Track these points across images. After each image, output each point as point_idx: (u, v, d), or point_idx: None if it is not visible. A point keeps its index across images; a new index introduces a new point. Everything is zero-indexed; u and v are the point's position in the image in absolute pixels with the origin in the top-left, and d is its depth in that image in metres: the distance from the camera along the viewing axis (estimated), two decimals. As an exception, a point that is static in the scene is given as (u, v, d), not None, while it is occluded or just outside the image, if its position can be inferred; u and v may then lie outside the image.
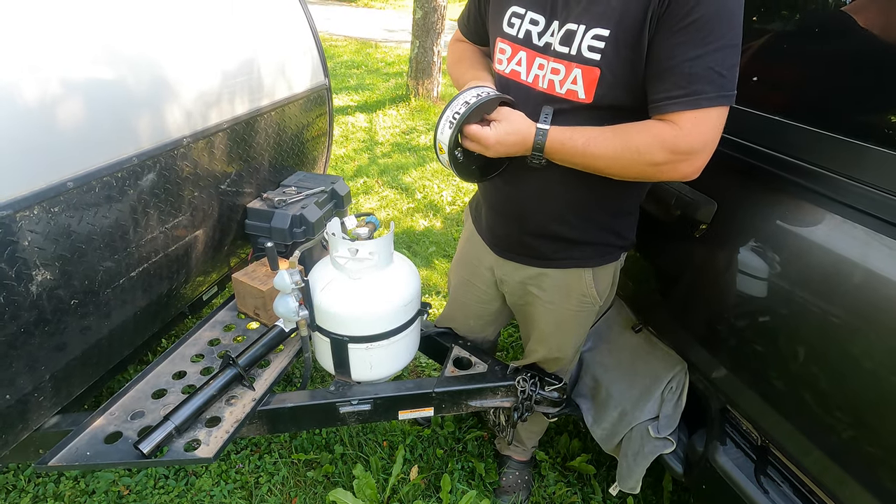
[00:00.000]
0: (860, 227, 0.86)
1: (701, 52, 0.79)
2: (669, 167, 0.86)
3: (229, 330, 1.63)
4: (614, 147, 0.88)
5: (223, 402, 1.34)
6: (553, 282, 1.17)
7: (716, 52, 0.79)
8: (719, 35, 0.79)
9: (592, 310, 1.23)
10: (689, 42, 0.79)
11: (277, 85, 1.83)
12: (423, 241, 3.07)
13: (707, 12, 0.77)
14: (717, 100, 0.81)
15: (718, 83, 0.80)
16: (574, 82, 0.92)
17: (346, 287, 1.32)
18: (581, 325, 1.28)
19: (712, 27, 0.78)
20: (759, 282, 1.02)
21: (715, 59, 0.79)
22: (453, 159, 0.99)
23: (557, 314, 1.22)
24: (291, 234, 1.72)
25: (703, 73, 0.80)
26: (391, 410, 1.44)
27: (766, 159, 1.01)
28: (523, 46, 0.99)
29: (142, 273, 1.36)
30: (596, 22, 0.87)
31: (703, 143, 0.84)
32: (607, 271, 1.17)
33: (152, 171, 1.31)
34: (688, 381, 1.32)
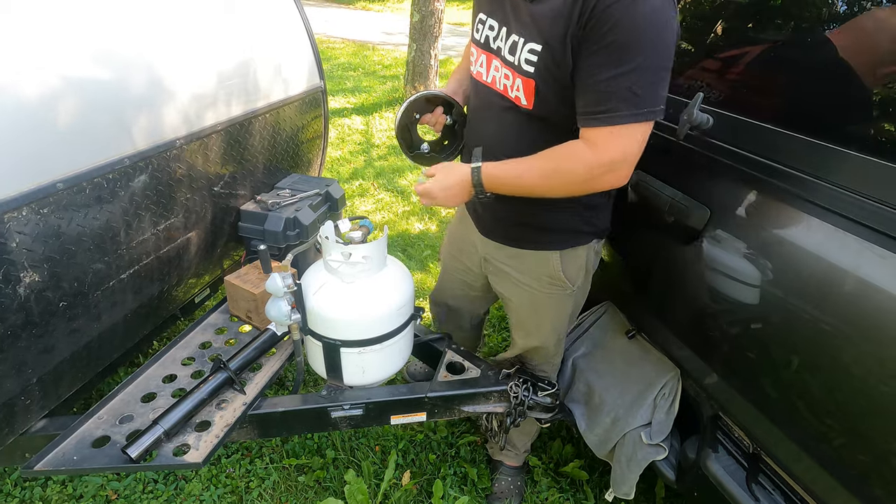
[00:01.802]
0: (852, 236, 0.86)
1: (616, 72, 0.85)
2: (596, 181, 0.94)
3: (221, 333, 1.62)
4: (543, 173, 0.97)
5: (213, 406, 1.33)
6: (526, 263, 1.23)
7: (631, 73, 0.84)
8: (634, 57, 0.84)
9: (565, 294, 1.25)
10: (605, 63, 0.86)
11: (272, 87, 1.82)
12: (419, 245, 3.06)
13: (621, 36, 0.83)
14: (630, 118, 0.87)
15: (633, 102, 0.86)
16: (518, 90, 1.01)
17: (339, 291, 1.31)
18: (556, 309, 1.29)
19: (627, 49, 0.84)
20: (751, 289, 1.02)
21: (630, 80, 0.85)
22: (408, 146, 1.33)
23: (532, 295, 1.26)
24: (285, 237, 1.71)
25: (618, 92, 0.86)
26: (383, 415, 1.43)
27: (757, 167, 1.02)
28: (484, 50, 1.10)
29: (133, 275, 1.35)
30: (531, 37, 0.95)
31: (622, 156, 0.91)
32: (577, 256, 1.20)
33: (144, 173, 1.30)
34: (680, 387, 1.32)
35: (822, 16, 1.01)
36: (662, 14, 0.84)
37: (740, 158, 1.05)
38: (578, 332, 1.67)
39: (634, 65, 0.84)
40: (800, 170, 0.95)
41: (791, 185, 0.96)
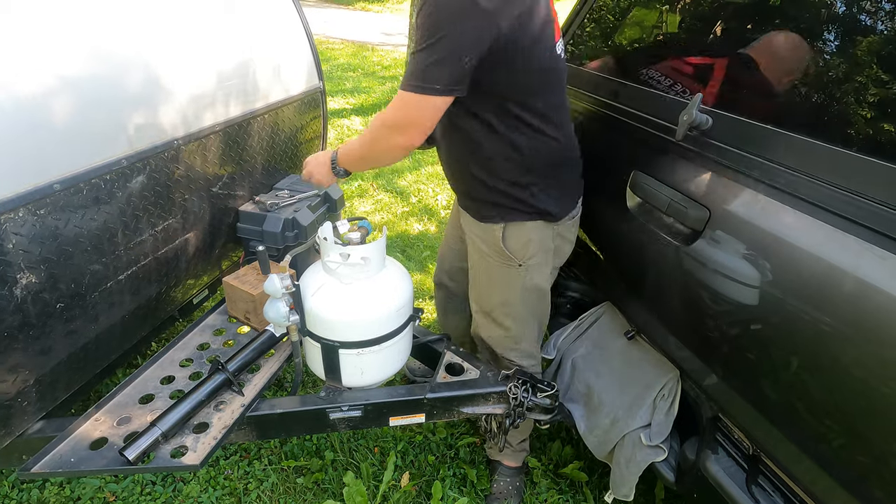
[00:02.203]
0: (852, 237, 0.86)
1: (415, 48, 1.03)
2: (390, 138, 1.11)
3: (219, 334, 1.61)
4: (360, 140, 1.21)
5: (211, 407, 1.33)
6: (481, 233, 1.33)
7: (422, 52, 1.01)
8: (428, 38, 0.99)
9: (515, 268, 1.33)
10: (416, 40, 1.03)
11: (271, 87, 1.82)
12: (418, 246, 3.06)
13: (422, 20, 1.00)
14: (413, 88, 1.03)
15: (419, 76, 1.02)
16: None
17: (338, 292, 1.31)
18: (505, 281, 1.36)
19: (424, 31, 1.00)
20: (750, 289, 1.02)
21: (421, 57, 1.01)
22: None
23: (486, 264, 1.37)
24: (283, 238, 1.71)
25: (412, 66, 1.04)
26: (382, 417, 1.42)
27: (757, 167, 1.01)
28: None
29: (130, 276, 1.34)
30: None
31: (406, 120, 1.07)
32: (519, 232, 1.28)
33: (142, 174, 1.29)
34: (680, 388, 1.32)
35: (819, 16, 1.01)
36: (455, 4, 0.96)
37: (740, 159, 1.05)
38: (577, 332, 1.67)
39: (426, 45, 0.99)
40: (799, 170, 0.95)
41: (790, 186, 0.96)
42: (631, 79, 1.43)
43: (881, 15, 0.92)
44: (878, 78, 0.89)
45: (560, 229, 1.33)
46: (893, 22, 0.89)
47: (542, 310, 1.47)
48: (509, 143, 1.17)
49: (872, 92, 0.89)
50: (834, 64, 0.96)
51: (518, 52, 1.05)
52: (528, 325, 1.47)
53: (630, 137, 1.39)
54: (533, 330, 1.49)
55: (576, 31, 1.77)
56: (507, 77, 1.08)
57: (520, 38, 1.03)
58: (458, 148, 1.25)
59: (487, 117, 1.14)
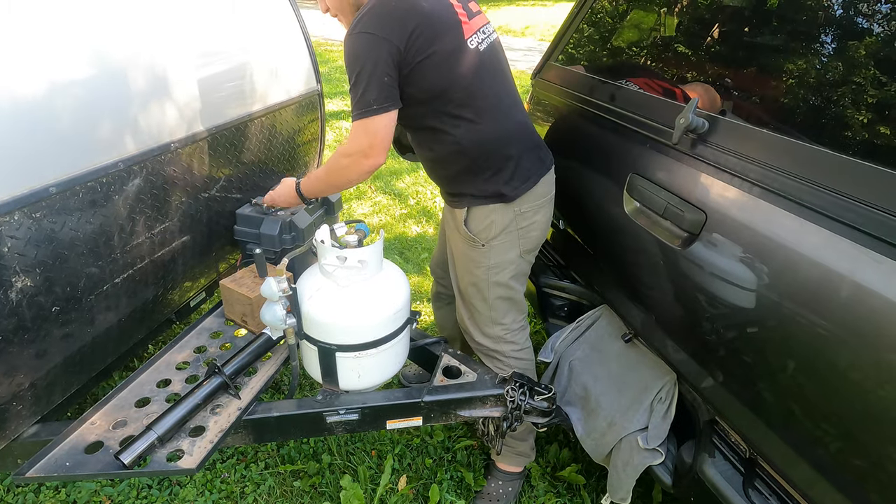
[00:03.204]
0: (847, 241, 0.86)
1: (349, 86, 1.21)
2: (357, 165, 1.26)
3: (216, 337, 1.61)
4: (325, 171, 1.38)
5: (208, 411, 1.32)
6: (451, 218, 1.46)
7: (352, 89, 1.19)
8: (350, 76, 1.19)
9: (477, 247, 1.42)
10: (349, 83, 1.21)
11: (269, 90, 1.82)
12: (416, 248, 3.06)
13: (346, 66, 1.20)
14: (356, 117, 1.20)
15: (357, 105, 1.19)
16: None
17: (335, 295, 1.30)
18: (471, 258, 1.46)
19: (349, 74, 1.19)
20: (746, 293, 1.02)
21: (353, 92, 1.19)
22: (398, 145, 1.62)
23: (456, 246, 1.49)
24: (280, 241, 1.70)
25: (352, 102, 1.21)
26: (379, 420, 1.42)
27: (753, 171, 1.02)
28: None
29: (127, 279, 1.34)
30: None
31: (364, 144, 1.21)
32: (480, 214, 1.39)
33: (138, 177, 1.29)
34: (677, 391, 1.32)
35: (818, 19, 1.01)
36: (360, 43, 1.15)
37: (736, 163, 1.05)
38: (575, 335, 1.67)
39: (354, 81, 1.18)
40: (796, 174, 0.95)
41: (787, 190, 0.96)
42: (629, 83, 1.44)
43: (879, 17, 0.92)
44: (877, 80, 0.89)
45: (520, 209, 1.38)
46: (892, 24, 0.89)
47: (513, 294, 1.48)
48: (452, 141, 1.31)
49: (871, 94, 0.89)
50: (831, 66, 0.96)
51: (426, 60, 1.20)
52: (499, 308, 1.48)
53: (627, 140, 1.39)
54: (506, 314, 1.50)
55: (573, 34, 1.77)
56: (427, 82, 1.22)
57: (422, 48, 1.19)
58: (424, 154, 1.42)
59: (430, 123, 1.30)
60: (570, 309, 1.79)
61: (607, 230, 1.49)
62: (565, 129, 1.72)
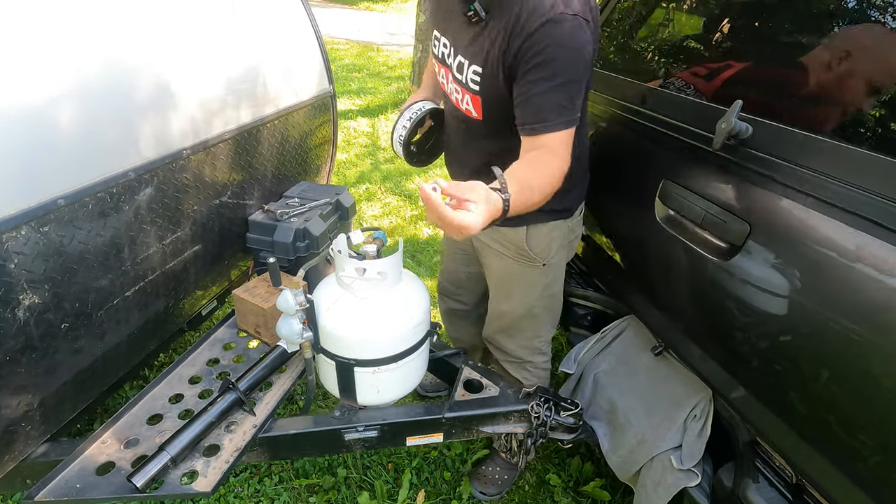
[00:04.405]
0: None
1: (546, 87, 0.99)
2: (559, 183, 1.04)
3: (229, 349, 1.56)
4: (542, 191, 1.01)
5: (222, 428, 1.27)
6: (502, 237, 1.35)
7: (559, 88, 0.99)
8: (558, 74, 0.98)
9: (534, 267, 1.34)
10: (537, 80, 0.99)
11: (282, 92, 1.77)
12: (428, 251, 3.00)
13: (548, 56, 0.98)
14: (562, 125, 1.01)
15: (561, 112, 1.00)
16: (468, 104, 1.17)
17: (353, 308, 1.25)
18: (525, 280, 1.38)
19: (553, 67, 0.98)
20: (795, 309, 0.96)
21: (558, 93, 0.99)
22: (408, 153, 1.40)
23: (505, 263, 1.38)
24: (294, 249, 1.65)
25: (550, 104, 1.00)
26: (399, 437, 1.37)
27: (803, 179, 0.95)
28: (442, 65, 1.24)
29: (138, 292, 1.29)
30: (473, 59, 1.11)
31: (567, 158, 1.04)
32: (541, 232, 1.31)
33: (150, 186, 1.24)
34: (712, 409, 1.25)
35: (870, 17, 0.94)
36: (579, 35, 0.98)
37: (784, 170, 0.98)
38: (599, 346, 1.61)
39: (561, 80, 0.98)
40: (850, 183, 0.88)
41: (839, 200, 0.89)
42: (664, 85, 1.37)
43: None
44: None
45: (572, 224, 1.37)
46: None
47: (559, 307, 1.51)
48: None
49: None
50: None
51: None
52: (546, 325, 1.50)
53: (660, 145, 1.32)
54: (550, 329, 1.53)
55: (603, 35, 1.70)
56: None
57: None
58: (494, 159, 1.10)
59: None
60: (593, 318, 1.73)
61: (636, 238, 1.43)
62: (593, 134, 1.65)
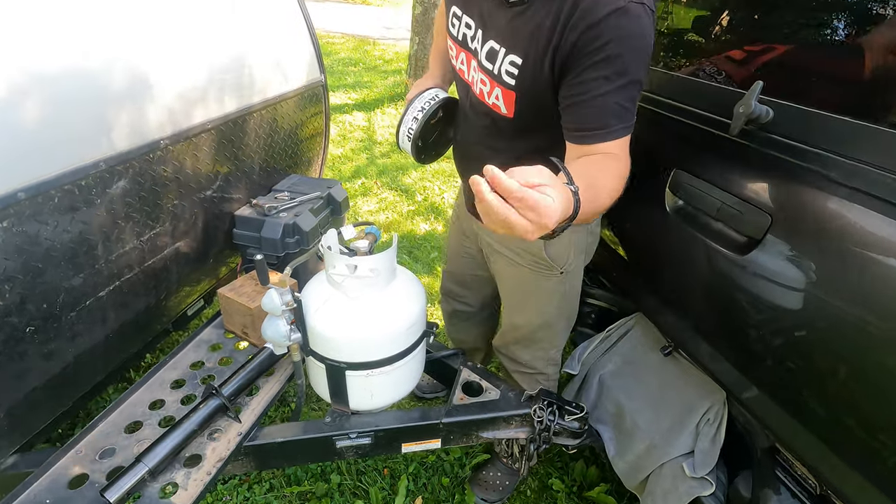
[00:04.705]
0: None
1: (609, 87, 0.83)
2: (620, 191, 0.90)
3: (215, 351, 1.48)
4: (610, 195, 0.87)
5: (205, 437, 1.20)
6: (515, 242, 1.23)
7: (623, 89, 0.83)
8: (625, 72, 0.82)
9: (553, 275, 1.24)
10: (596, 79, 0.83)
11: (270, 81, 1.68)
12: (425, 246, 2.92)
13: (613, 52, 0.81)
14: (623, 131, 0.86)
15: (623, 116, 0.85)
16: (497, 98, 1.00)
17: (344, 308, 1.17)
18: (542, 289, 1.28)
19: (618, 65, 0.82)
20: (819, 306, 0.88)
21: (621, 95, 0.84)
22: (416, 149, 1.21)
23: (518, 272, 1.27)
24: (283, 245, 1.57)
25: (611, 108, 0.84)
26: (394, 443, 1.29)
27: (830, 165, 0.87)
28: (462, 48, 1.07)
29: (114, 291, 1.21)
30: (512, 47, 0.92)
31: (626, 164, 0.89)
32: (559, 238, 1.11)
33: (124, 178, 1.15)
34: (727, 412, 1.18)
35: None
36: (648, 28, 0.83)
37: (810, 156, 0.90)
38: (605, 346, 1.53)
39: (626, 81, 0.83)
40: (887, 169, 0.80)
41: (876, 189, 0.81)
42: (673, 67, 1.29)
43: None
44: None
45: (592, 226, 1.26)
46: None
47: (575, 313, 1.41)
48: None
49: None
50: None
51: None
52: (562, 333, 1.41)
53: (670, 133, 1.24)
54: (566, 336, 1.44)
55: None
56: None
57: None
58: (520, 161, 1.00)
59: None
60: (598, 316, 1.65)
61: (644, 232, 1.35)
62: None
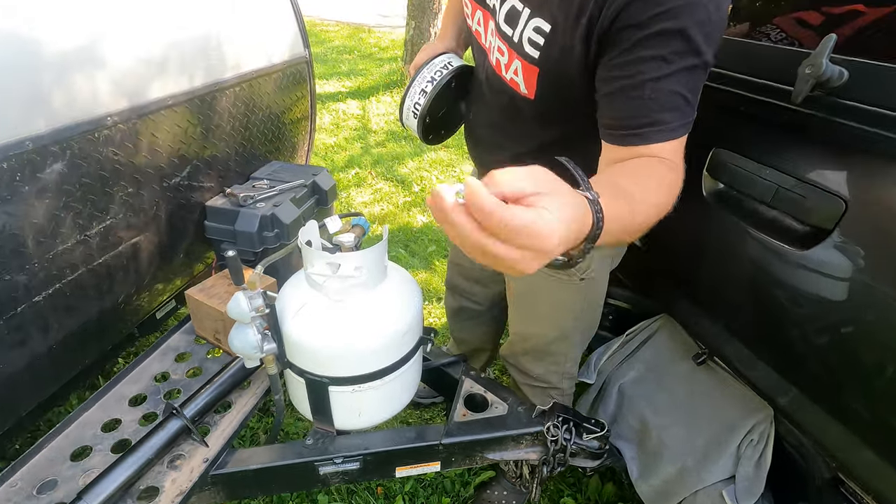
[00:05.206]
0: None
1: (666, 71, 0.65)
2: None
3: (182, 360, 1.30)
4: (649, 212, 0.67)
5: (165, 465, 1.02)
6: None
7: (685, 73, 0.65)
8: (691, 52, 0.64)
9: (571, 283, 1.07)
10: (650, 60, 0.65)
11: (245, 54, 1.49)
12: (422, 240, 2.74)
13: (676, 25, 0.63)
14: (682, 129, 0.69)
15: (684, 111, 0.68)
16: (516, 73, 0.84)
17: (325, 313, 0.99)
18: (556, 297, 1.11)
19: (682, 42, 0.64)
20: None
21: (683, 82, 0.66)
22: (423, 127, 1.05)
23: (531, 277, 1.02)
24: (261, 239, 1.39)
25: (668, 98, 0.66)
26: (386, 467, 1.12)
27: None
28: (478, 4, 0.91)
29: (55, 295, 1.03)
30: (538, 8, 0.76)
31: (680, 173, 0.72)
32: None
33: (60, 160, 0.97)
34: (773, 432, 1.01)
35: None
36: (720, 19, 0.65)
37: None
38: (625, 352, 1.36)
39: (691, 63, 0.65)
40: None
41: None
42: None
43: None
44: None
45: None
46: None
47: (595, 324, 1.23)
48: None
49: None
50: None
51: None
52: (579, 346, 1.24)
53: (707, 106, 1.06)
54: (581, 349, 1.27)
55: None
56: None
57: None
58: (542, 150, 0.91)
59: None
60: (615, 318, 1.48)
61: (673, 221, 1.17)
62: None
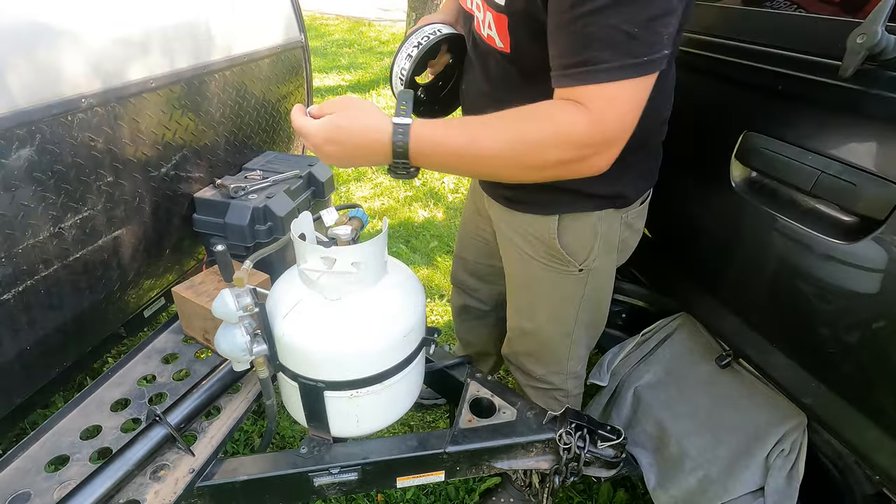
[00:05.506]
0: None
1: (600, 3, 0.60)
2: (576, 165, 0.69)
3: (169, 362, 1.22)
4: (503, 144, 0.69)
5: (147, 475, 0.95)
6: (524, 226, 1.02)
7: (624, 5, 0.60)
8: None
9: (569, 273, 1.01)
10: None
11: (235, 35, 1.40)
12: (424, 235, 2.66)
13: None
14: (619, 71, 0.62)
15: (624, 47, 0.61)
16: (489, 27, 0.82)
17: (320, 312, 0.91)
18: (555, 290, 1.05)
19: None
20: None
21: (622, 15, 0.60)
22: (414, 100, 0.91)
23: (527, 265, 1.06)
24: (252, 233, 1.31)
25: (603, 33, 0.61)
26: (386, 478, 1.05)
27: None
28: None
29: (25, 293, 0.95)
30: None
31: (620, 129, 0.67)
32: (579, 225, 0.96)
33: (28, 146, 0.88)
34: (806, 441, 0.93)
35: None
36: None
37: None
38: (640, 352, 1.28)
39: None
40: None
41: None
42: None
43: None
44: None
45: (629, 217, 0.99)
46: None
47: (603, 320, 1.15)
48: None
49: None
50: None
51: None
52: (585, 344, 1.15)
53: (737, 84, 0.97)
54: (586, 348, 1.18)
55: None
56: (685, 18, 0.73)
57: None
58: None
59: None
60: (629, 317, 1.39)
61: (696, 211, 1.09)
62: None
